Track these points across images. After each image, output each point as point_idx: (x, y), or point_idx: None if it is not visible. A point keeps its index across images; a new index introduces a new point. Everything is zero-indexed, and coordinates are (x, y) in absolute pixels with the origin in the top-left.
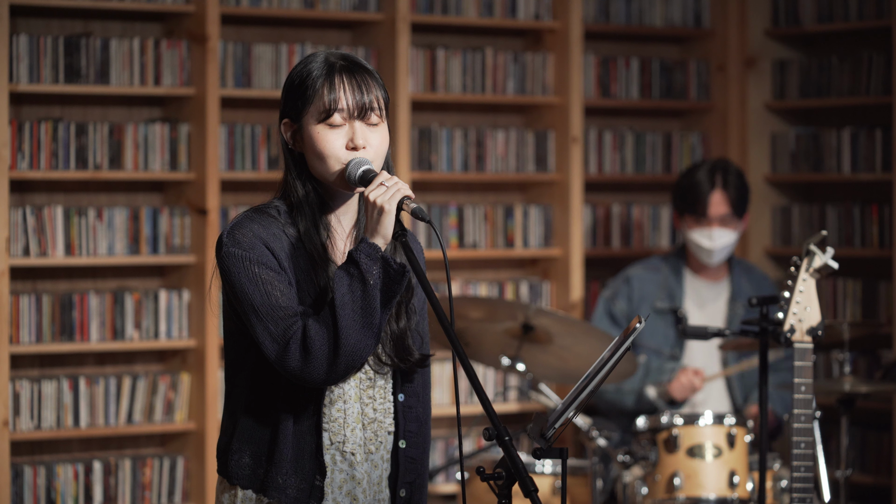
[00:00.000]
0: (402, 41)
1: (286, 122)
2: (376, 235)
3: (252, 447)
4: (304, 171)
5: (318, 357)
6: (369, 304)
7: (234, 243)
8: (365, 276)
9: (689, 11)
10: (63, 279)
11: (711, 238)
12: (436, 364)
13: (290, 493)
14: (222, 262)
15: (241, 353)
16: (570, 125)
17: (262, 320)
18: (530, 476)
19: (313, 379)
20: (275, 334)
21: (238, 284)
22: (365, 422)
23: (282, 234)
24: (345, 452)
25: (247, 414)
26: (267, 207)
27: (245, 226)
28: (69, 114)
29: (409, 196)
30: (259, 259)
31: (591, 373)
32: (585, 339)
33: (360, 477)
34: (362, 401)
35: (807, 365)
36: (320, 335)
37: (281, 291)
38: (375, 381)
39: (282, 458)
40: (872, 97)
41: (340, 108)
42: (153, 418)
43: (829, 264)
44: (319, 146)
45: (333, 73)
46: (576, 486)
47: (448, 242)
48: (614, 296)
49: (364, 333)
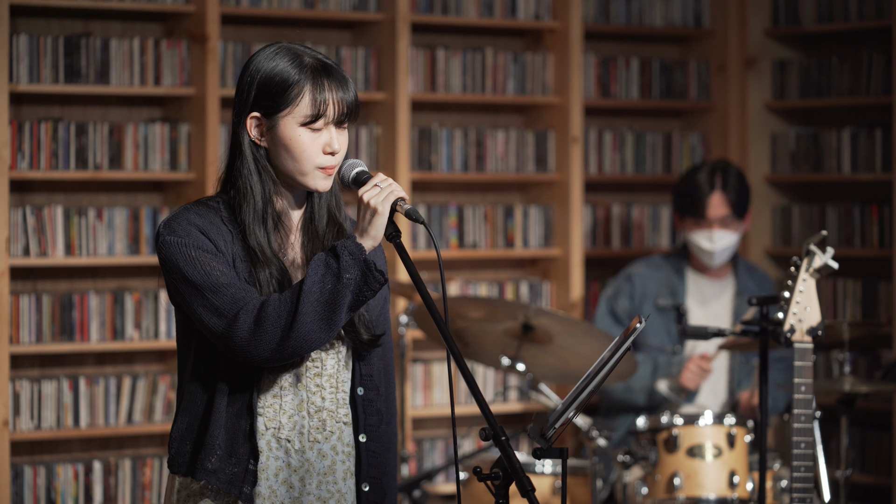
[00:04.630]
0: (402, 41)
1: (256, 117)
2: (366, 236)
3: (190, 433)
4: (265, 165)
5: (268, 333)
6: (336, 300)
7: (169, 231)
8: (341, 273)
9: (689, 11)
10: (63, 279)
11: (712, 240)
12: (435, 364)
13: (221, 477)
14: (160, 252)
15: (186, 344)
16: (570, 125)
17: (206, 297)
18: (527, 476)
19: (257, 354)
20: (220, 307)
21: (177, 270)
22: (311, 409)
23: (221, 225)
24: (280, 439)
25: (186, 401)
26: (207, 200)
27: (180, 216)
28: (69, 114)
29: (404, 197)
30: (195, 244)
31: (592, 373)
32: (585, 339)
33: (297, 465)
34: (309, 388)
35: (807, 365)
36: (277, 312)
37: (221, 272)
38: (325, 367)
39: (212, 442)
40: (872, 97)
41: (326, 115)
42: (153, 418)
43: (829, 264)
44: (298, 148)
45: (321, 78)
46: (576, 486)
47: (448, 242)
48: (616, 294)
49: (321, 326)
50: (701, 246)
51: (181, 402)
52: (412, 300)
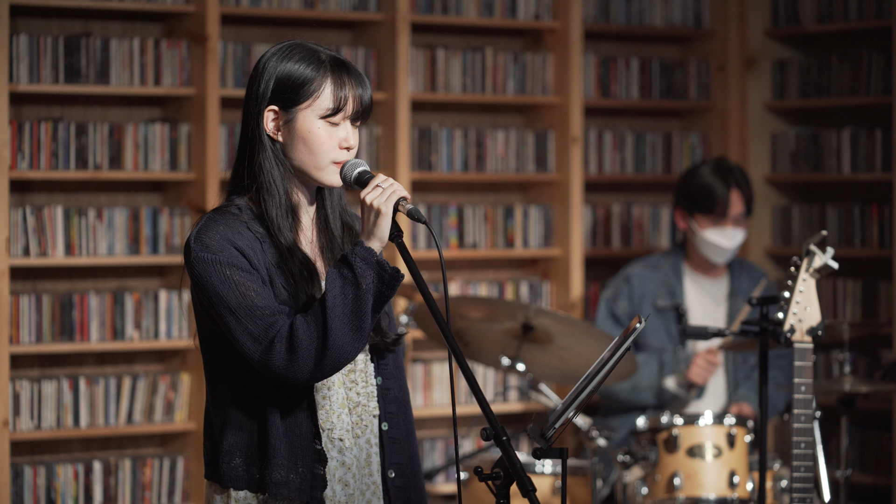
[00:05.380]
0: (402, 41)
1: (273, 110)
2: (373, 238)
3: (242, 447)
4: (282, 159)
5: (304, 356)
6: (360, 308)
7: (202, 248)
8: (359, 280)
9: (689, 11)
10: (63, 279)
11: (728, 237)
12: (435, 364)
13: (292, 487)
14: (192, 269)
15: (220, 354)
16: (570, 125)
17: (241, 321)
18: (528, 476)
19: (297, 378)
20: (255, 333)
21: (211, 289)
22: (350, 406)
23: (247, 232)
24: (333, 439)
25: (233, 414)
26: (227, 207)
27: (211, 228)
28: (69, 114)
29: (406, 197)
30: (230, 261)
31: (591, 373)
32: (585, 339)
33: (349, 462)
34: (346, 385)
35: (807, 365)
36: (308, 334)
37: (256, 291)
38: (356, 363)
39: (275, 454)
40: (872, 97)
41: (345, 110)
42: (153, 418)
43: (829, 264)
44: (316, 142)
45: (340, 73)
46: (576, 486)
47: (448, 242)
48: (615, 296)
49: (353, 336)
50: (716, 243)
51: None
52: (412, 300)
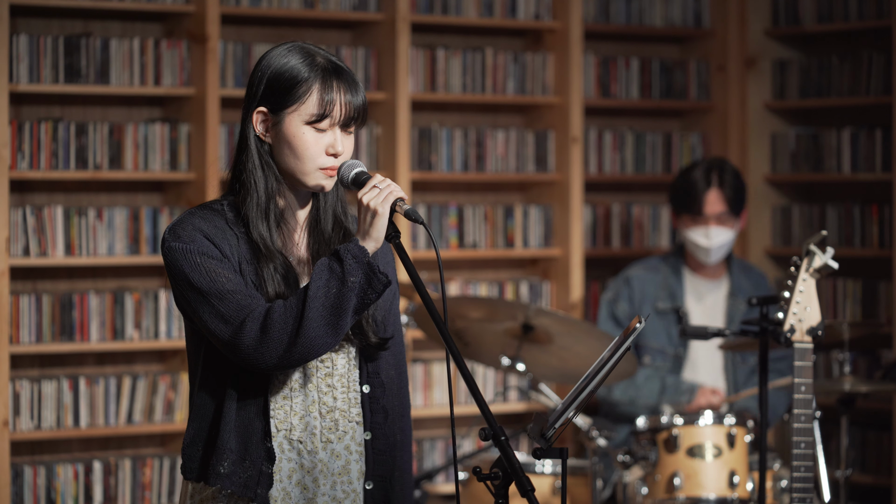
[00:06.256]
0: (402, 41)
1: (262, 112)
2: (368, 238)
3: (201, 438)
4: (268, 161)
5: (276, 339)
6: (341, 304)
7: (174, 238)
8: (345, 277)
9: (689, 11)
10: (63, 279)
11: (708, 236)
12: (435, 364)
13: (235, 481)
14: (165, 258)
15: (195, 351)
16: (570, 125)
17: (211, 303)
18: (526, 476)
19: (264, 361)
20: (225, 315)
21: (182, 276)
22: (323, 410)
23: (226, 228)
24: (292, 440)
25: (195, 406)
26: (211, 204)
27: (185, 221)
28: (69, 114)
29: (403, 198)
30: (200, 250)
31: (591, 373)
32: (585, 339)
33: (310, 466)
34: (320, 389)
35: (807, 365)
36: (283, 319)
37: (227, 278)
38: (336, 367)
39: (223, 447)
40: (872, 97)
41: (332, 116)
42: (153, 418)
43: (829, 264)
44: (301, 147)
45: (330, 78)
46: (576, 486)
47: (448, 242)
48: (616, 298)
49: (327, 331)
50: (697, 243)
51: (192, 409)
52: (412, 300)
